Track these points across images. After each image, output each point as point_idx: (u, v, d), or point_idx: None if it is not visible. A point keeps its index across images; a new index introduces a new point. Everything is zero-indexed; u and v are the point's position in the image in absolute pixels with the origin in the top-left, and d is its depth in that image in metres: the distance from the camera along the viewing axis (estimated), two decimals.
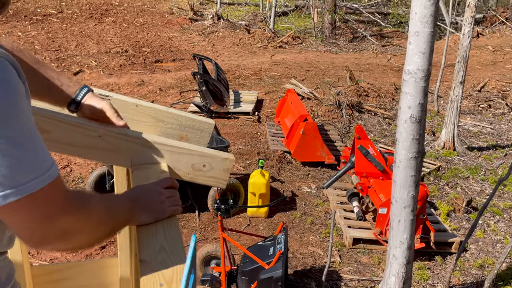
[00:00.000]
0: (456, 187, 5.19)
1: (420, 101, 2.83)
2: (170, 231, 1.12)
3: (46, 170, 0.79)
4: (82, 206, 0.90)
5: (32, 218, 0.79)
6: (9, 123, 0.74)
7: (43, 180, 0.78)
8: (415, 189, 2.95)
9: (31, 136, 0.78)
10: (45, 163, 0.80)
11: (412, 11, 2.75)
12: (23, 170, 0.76)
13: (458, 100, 5.87)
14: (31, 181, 0.77)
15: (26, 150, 0.76)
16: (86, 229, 0.91)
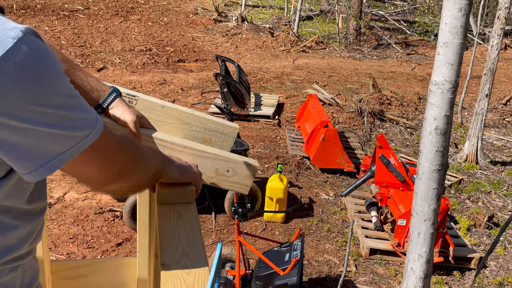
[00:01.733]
0: (478, 202, 5.09)
1: (446, 113, 2.78)
2: (193, 234, 1.11)
3: (97, 121, 0.85)
4: (132, 145, 1.00)
5: (97, 163, 0.88)
6: (56, 89, 0.78)
7: (98, 130, 0.84)
8: (437, 202, 2.90)
9: (75, 94, 0.82)
10: (94, 115, 0.85)
11: (442, 22, 2.70)
12: (80, 127, 0.81)
13: (483, 113, 5.76)
14: (88, 136, 0.83)
15: (77, 108, 0.82)
16: (137, 168, 1.01)
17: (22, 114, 0.74)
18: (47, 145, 0.78)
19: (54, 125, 0.77)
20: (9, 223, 0.85)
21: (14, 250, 0.88)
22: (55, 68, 0.78)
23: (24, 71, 0.73)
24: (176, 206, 1.19)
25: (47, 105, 0.76)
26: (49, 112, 0.77)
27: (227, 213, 4.32)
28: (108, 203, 4.41)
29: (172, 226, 1.12)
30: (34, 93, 0.74)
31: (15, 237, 0.88)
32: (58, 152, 0.80)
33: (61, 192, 4.53)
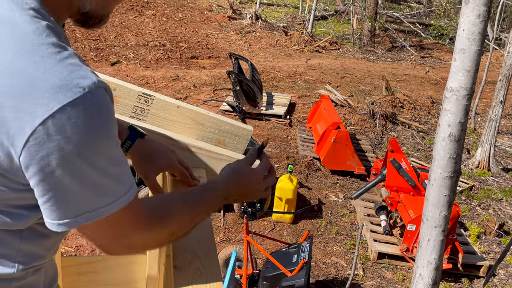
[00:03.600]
0: (489, 209, 5.05)
1: (460, 120, 2.75)
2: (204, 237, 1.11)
3: (124, 194, 0.82)
4: (157, 224, 0.92)
5: (106, 235, 0.85)
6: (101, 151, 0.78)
7: (119, 203, 0.81)
8: (448, 209, 2.87)
9: (118, 162, 0.81)
10: (124, 187, 0.82)
11: (460, 28, 2.67)
12: (105, 194, 0.80)
13: (497, 119, 5.71)
14: (108, 206, 0.80)
15: (112, 176, 0.80)
16: (154, 242, 0.95)
17: (63, 163, 0.74)
18: (71, 201, 0.78)
19: (83, 183, 0.77)
20: (42, 231, 0.88)
21: (41, 258, 0.91)
22: (112, 129, 0.78)
23: (82, 123, 0.73)
24: None
25: (88, 161, 0.76)
26: (86, 169, 0.76)
27: (235, 211, 4.32)
28: None
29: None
30: (84, 147, 0.74)
31: (45, 246, 0.91)
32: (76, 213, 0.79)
33: None
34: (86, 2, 0.86)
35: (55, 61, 0.73)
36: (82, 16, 0.88)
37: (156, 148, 1.17)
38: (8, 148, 0.73)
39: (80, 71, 0.74)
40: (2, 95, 0.71)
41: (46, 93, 0.71)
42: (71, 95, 0.72)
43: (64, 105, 0.71)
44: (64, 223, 0.79)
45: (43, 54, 0.72)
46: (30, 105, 0.71)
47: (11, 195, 0.80)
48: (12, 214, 0.82)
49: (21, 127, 0.71)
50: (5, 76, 0.71)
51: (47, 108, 0.71)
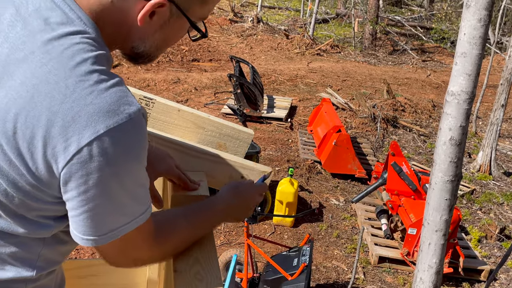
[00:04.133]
0: (490, 213, 5.04)
1: (461, 124, 2.75)
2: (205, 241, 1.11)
3: (141, 213, 0.86)
4: (161, 240, 0.96)
5: (118, 253, 0.90)
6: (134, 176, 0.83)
7: (136, 222, 0.86)
8: (449, 213, 2.87)
9: (143, 184, 0.86)
10: (143, 207, 0.87)
11: (461, 32, 2.67)
12: (125, 216, 0.84)
13: (498, 123, 5.70)
14: (127, 224, 0.85)
15: (135, 198, 0.85)
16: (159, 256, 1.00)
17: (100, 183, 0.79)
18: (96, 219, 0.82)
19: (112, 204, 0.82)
20: (63, 238, 0.93)
21: (57, 263, 0.96)
22: (145, 153, 0.83)
23: (123, 147, 0.78)
24: None
25: (122, 184, 0.81)
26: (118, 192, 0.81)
27: None
28: None
29: None
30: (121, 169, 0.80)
31: (62, 252, 0.96)
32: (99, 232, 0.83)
33: None
34: (140, 45, 0.92)
35: (106, 87, 0.78)
36: (134, 54, 0.94)
37: (154, 154, 1.18)
38: (51, 163, 0.78)
39: (127, 97, 0.80)
40: (54, 115, 0.76)
41: (95, 116, 0.76)
42: (117, 120, 0.77)
43: (110, 129, 0.76)
44: (91, 239, 0.84)
45: (96, 80, 0.78)
46: (78, 126, 0.76)
47: (42, 206, 0.84)
48: (40, 223, 0.87)
49: (67, 145, 0.76)
50: (58, 97, 0.76)
51: (94, 131, 0.76)
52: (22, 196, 0.82)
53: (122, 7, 0.85)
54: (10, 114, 0.76)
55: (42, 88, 0.76)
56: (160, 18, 0.88)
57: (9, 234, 0.86)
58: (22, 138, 0.77)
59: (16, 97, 0.77)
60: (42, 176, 0.79)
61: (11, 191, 0.81)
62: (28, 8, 0.81)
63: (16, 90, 0.77)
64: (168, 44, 0.97)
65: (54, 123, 0.76)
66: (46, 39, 0.78)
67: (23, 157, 0.78)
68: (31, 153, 0.77)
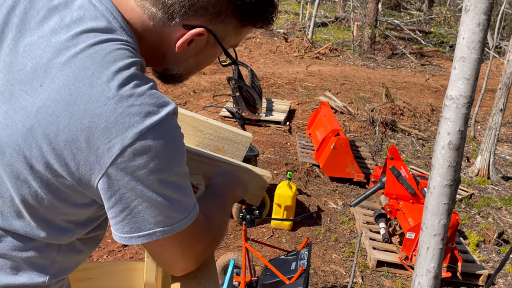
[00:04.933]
0: (488, 217, 5.04)
1: (460, 128, 2.75)
2: None
3: (193, 208, 0.87)
4: (210, 230, 0.97)
5: (176, 251, 0.89)
6: (177, 170, 0.84)
7: (190, 218, 0.87)
8: (447, 217, 2.87)
9: (186, 180, 0.87)
10: (192, 202, 0.88)
11: (460, 36, 2.68)
12: (179, 209, 0.85)
13: (496, 127, 5.71)
14: (183, 220, 0.85)
15: (185, 191, 0.86)
16: (215, 243, 1.00)
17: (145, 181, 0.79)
18: (149, 216, 0.82)
19: (161, 198, 0.82)
20: (77, 247, 0.93)
21: (69, 271, 0.96)
22: (183, 148, 0.85)
23: (165, 144, 0.80)
24: None
25: (164, 179, 0.81)
26: (162, 187, 0.81)
27: (234, 218, 4.31)
28: None
29: None
30: (165, 166, 0.81)
31: (76, 260, 0.96)
32: (155, 226, 0.83)
33: None
34: (175, 68, 0.95)
35: (145, 89, 0.80)
36: (167, 75, 0.98)
37: None
38: (94, 165, 0.78)
39: (164, 98, 0.82)
40: (98, 117, 0.77)
41: (137, 117, 0.78)
42: (157, 120, 0.79)
43: (151, 128, 0.78)
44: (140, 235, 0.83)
45: (136, 83, 0.80)
46: (121, 127, 0.77)
47: (71, 209, 0.85)
48: (62, 228, 0.87)
49: (111, 146, 0.77)
50: (101, 99, 0.78)
51: (136, 131, 0.78)
52: (52, 198, 0.82)
53: (163, 32, 0.89)
54: (52, 117, 0.77)
55: (85, 90, 0.78)
56: (197, 45, 0.92)
57: (28, 238, 0.86)
58: (64, 141, 0.77)
59: (58, 100, 0.78)
60: (82, 177, 0.79)
61: (42, 192, 0.81)
62: (73, 17, 0.83)
63: (58, 93, 0.78)
64: (200, 68, 1.01)
65: (97, 125, 0.77)
66: (89, 43, 0.81)
67: (64, 159, 0.78)
68: (73, 154, 0.78)
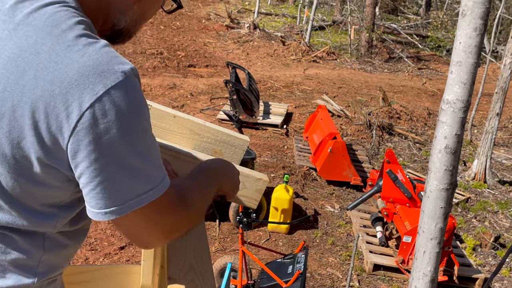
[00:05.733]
0: (484, 221, 5.05)
1: (457, 132, 2.76)
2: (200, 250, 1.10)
3: (161, 181, 0.83)
4: (185, 206, 0.92)
5: (142, 224, 0.84)
6: (143, 135, 0.79)
7: (158, 190, 0.82)
8: (444, 221, 2.87)
9: (153, 148, 0.82)
10: (160, 174, 0.83)
11: (456, 40, 2.69)
12: (147, 181, 0.80)
13: (493, 131, 5.72)
14: (150, 192, 0.81)
15: (153, 161, 0.81)
16: (187, 221, 0.95)
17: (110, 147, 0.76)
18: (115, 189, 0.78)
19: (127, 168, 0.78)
20: (63, 241, 0.90)
21: (59, 268, 0.93)
22: (148, 111, 0.81)
23: (126, 105, 0.76)
24: None
25: (131, 145, 0.77)
26: (129, 154, 0.77)
27: (231, 221, 4.30)
28: None
29: (181, 239, 1.11)
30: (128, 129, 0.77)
31: (63, 256, 0.93)
32: (117, 202, 0.79)
33: None
34: (122, 19, 0.91)
35: (96, 49, 0.76)
36: (114, 32, 0.93)
37: None
38: (57, 136, 0.75)
39: (119, 57, 0.78)
40: (50, 84, 0.73)
41: (91, 78, 0.74)
42: (114, 79, 0.75)
43: (108, 88, 0.74)
44: (110, 211, 0.79)
45: (85, 43, 0.76)
46: (77, 90, 0.73)
47: (48, 191, 0.81)
48: (44, 213, 0.83)
49: (69, 113, 0.73)
50: (50, 65, 0.74)
51: (93, 93, 0.74)
52: (25, 182, 0.79)
53: None
54: (5, 93, 0.74)
55: (32, 60, 0.74)
56: None
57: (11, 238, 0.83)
58: (21, 115, 0.74)
59: (7, 75, 0.74)
60: (49, 150, 0.76)
61: (14, 177, 0.78)
62: None
63: (6, 67, 0.75)
64: (145, 18, 0.97)
65: (51, 93, 0.73)
66: (27, 12, 0.77)
67: (26, 134, 0.75)
68: (35, 127, 0.74)
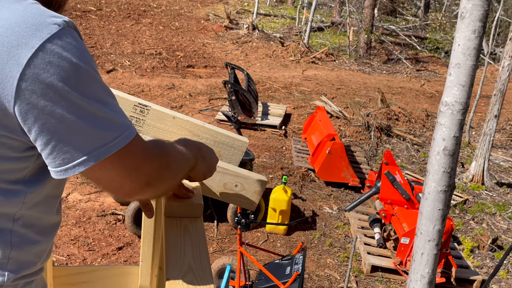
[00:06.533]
0: (482, 223, 5.05)
1: (455, 134, 2.77)
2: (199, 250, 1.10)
3: (127, 127, 0.81)
4: (161, 154, 0.92)
5: (120, 172, 0.82)
6: (94, 83, 0.77)
7: (125, 137, 0.80)
8: (442, 223, 2.87)
9: (112, 96, 0.81)
10: (126, 120, 0.82)
11: (455, 43, 2.69)
12: (110, 128, 0.78)
13: (491, 133, 5.74)
14: (117, 139, 0.79)
15: (111, 108, 0.79)
16: (167, 175, 0.94)
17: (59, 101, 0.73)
18: (77, 140, 0.76)
19: (85, 118, 0.75)
20: (32, 237, 0.86)
21: (30, 267, 0.89)
22: (93, 61, 0.78)
23: (65, 56, 0.73)
24: (183, 220, 1.18)
25: (83, 93, 0.75)
26: (83, 102, 0.75)
27: (229, 222, 4.30)
28: (111, 206, 4.41)
29: (179, 240, 1.11)
30: (75, 79, 0.74)
31: (35, 253, 0.89)
32: (85, 151, 0.76)
33: (65, 193, 4.53)
34: None
35: (25, 5, 0.74)
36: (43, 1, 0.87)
37: None
38: (2, 101, 0.72)
39: (49, 11, 0.76)
40: None
41: (25, 32, 0.71)
42: (48, 32, 0.72)
43: (44, 41, 0.72)
44: (80, 162, 0.77)
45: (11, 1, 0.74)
46: (12, 49, 0.71)
47: (10, 165, 0.78)
48: (8, 191, 0.80)
49: (8, 74, 0.71)
50: None
51: (28, 48, 0.71)
52: None
53: None
54: None
55: None
56: None
57: None
58: None
59: None
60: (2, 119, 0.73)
61: None
62: None
63: None
64: None
65: None
66: None
67: None
68: None
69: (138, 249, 3.71)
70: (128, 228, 4.02)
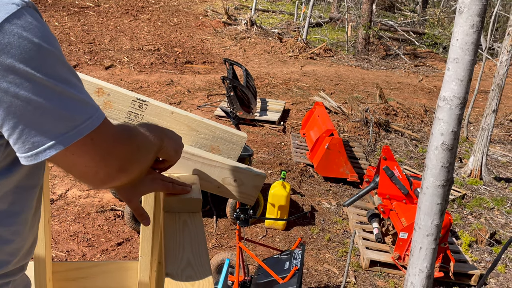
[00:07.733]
0: (480, 218, 5.07)
1: (453, 129, 2.77)
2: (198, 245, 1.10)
3: (96, 109, 0.79)
4: (131, 136, 0.90)
5: (94, 157, 0.79)
6: (58, 64, 0.75)
7: (96, 118, 0.78)
8: (440, 217, 2.88)
9: (78, 78, 0.78)
10: (94, 103, 0.79)
11: (453, 37, 2.69)
12: (80, 110, 0.76)
13: (489, 128, 5.74)
14: (88, 121, 0.76)
15: (79, 90, 0.77)
16: (139, 157, 0.92)
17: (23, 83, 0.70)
18: (47, 122, 0.73)
19: (52, 99, 0.72)
20: (5, 236, 0.83)
21: (5, 264, 0.85)
22: (56, 41, 0.76)
23: (26, 37, 0.70)
24: (182, 215, 1.18)
25: (48, 74, 0.72)
26: (49, 83, 0.72)
27: (228, 217, 4.31)
28: (110, 202, 4.41)
29: (178, 235, 1.11)
30: (35, 60, 0.71)
31: (7, 251, 0.85)
32: (55, 134, 0.74)
33: (64, 189, 4.54)
34: None
35: None
36: None
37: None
38: None
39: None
40: None
41: None
42: (6, 11, 0.70)
43: (2, 21, 0.69)
44: (45, 148, 0.73)
45: None
46: None
47: None
48: None
49: None
50: None
51: None
52: None
53: None
54: None
55: None
56: None
57: None
58: None
59: None
60: None
61: None
62: None
63: None
64: None
65: None
66: None
67: None
68: None
69: (137, 245, 3.72)
70: (127, 223, 4.03)
